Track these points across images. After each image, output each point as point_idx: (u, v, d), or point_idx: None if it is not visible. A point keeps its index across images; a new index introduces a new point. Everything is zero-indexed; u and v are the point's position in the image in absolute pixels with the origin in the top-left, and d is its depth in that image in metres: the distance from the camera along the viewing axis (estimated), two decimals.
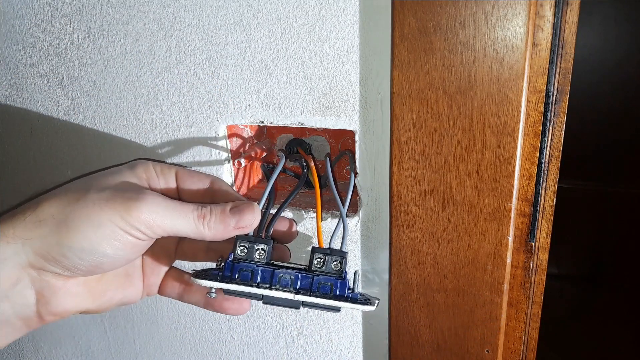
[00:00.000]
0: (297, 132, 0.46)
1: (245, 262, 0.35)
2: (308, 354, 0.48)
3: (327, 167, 0.39)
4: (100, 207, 0.30)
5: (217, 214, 0.33)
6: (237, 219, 0.34)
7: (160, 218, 0.31)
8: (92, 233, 0.30)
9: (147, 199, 0.31)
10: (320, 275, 0.35)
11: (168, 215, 0.32)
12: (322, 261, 0.35)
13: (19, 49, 0.46)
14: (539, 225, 0.37)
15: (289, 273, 0.35)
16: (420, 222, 0.37)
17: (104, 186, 0.32)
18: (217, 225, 0.33)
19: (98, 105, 0.45)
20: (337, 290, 0.34)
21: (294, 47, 0.37)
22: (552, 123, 0.34)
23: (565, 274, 1.69)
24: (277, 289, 0.34)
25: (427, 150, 0.35)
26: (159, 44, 0.41)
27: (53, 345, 0.60)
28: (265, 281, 0.35)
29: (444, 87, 0.33)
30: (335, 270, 0.35)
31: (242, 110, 0.40)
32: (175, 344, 0.54)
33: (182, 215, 0.32)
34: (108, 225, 0.30)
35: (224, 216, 0.34)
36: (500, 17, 0.31)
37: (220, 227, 0.33)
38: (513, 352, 0.41)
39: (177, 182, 0.37)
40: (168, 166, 0.37)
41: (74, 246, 0.30)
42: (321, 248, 0.36)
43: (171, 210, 0.32)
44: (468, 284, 0.37)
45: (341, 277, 0.35)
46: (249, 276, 0.35)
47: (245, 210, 0.34)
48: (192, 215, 0.33)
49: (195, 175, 0.37)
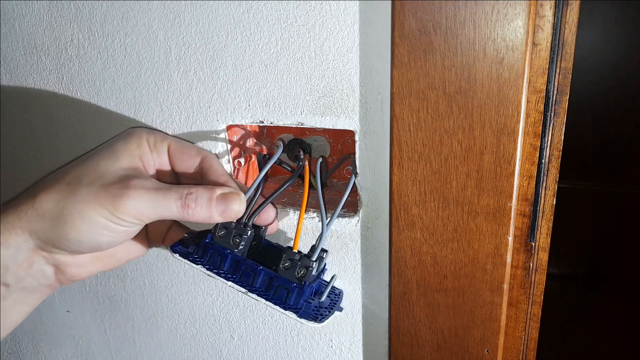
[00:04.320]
0: (297, 132, 0.46)
1: (221, 245, 0.36)
2: (308, 354, 0.48)
3: (317, 168, 0.39)
4: (89, 204, 0.32)
5: (202, 201, 0.34)
6: (222, 209, 0.35)
7: (145, 209, 0.33)
8: (86, 227, 0.33)
9: (131, 194, 0.33)
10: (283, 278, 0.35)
11: (152, 206, 0.33)
12: (290, 265, 0.36)
13: (19, 48, 0.46)
14: (539, 225, 0.37)
15: (255, 268, 0.36)
16: (420, 222, 0.37)
17: (93, 178, 0.34)
18: (202, 212, 0.34)
19: (98, 105, 0.45)
20: (292, 299, 0.35)
21: (294, 47, 0.37)
22: (552, 123, 0.34)
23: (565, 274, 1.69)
24: (236, 281, 0.35)
25: (427, 150, 0.35)
26: (159, 44, 0.41)
27: (53, 345, 0.60)
28: (229, 271, 0.36)
29: (444, 87, 0.33)
30: (298, 277, 0.35)
31: (242, 110, 0.40)
32: (175, 344, 0.54)
33: (165, 205, 0.34)
34: (99, 220, 0.33)
35: (210, 204, 0.34)
36: (500, 17, 0.31)
37: (204, 214, 0.34)
38: (513, 352, 0.41)
39: (170, 157, 0.38)
40: (162, 138, 0.38)
41: (71, 238, 0.33)
42: (293, 251, 0.36)
43: (154, 201, 0.33)
44: (468, 284, 0.37)
45: (300, 286, 0.35)
46: (217, 262, 0.36)
47: (232, 199, 0.35)
48: (176, 204, 0.34)
49: (187, 150, 0.38)
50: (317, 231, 0.42)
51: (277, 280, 0.35)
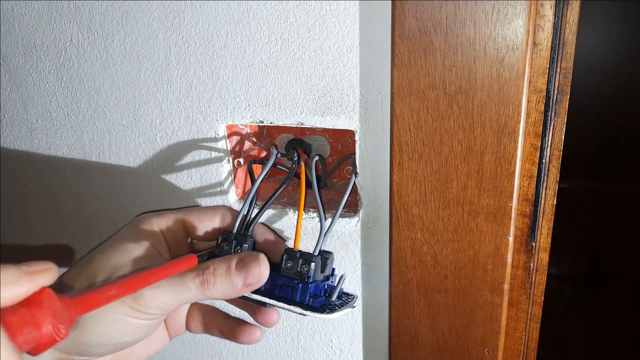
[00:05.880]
0: (297, 131, 0.46)
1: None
2: (308, 354, 0.48)
3: (312, 167, 0.38)
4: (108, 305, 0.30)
5: (221, 272, 0.32)
6: (243, 277, 0.32)
7: (165, 296, 0.31)
8: (107, 328, 0.31)
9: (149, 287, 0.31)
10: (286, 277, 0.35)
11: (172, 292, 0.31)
12: (291, 264, 0.36)
13: (19, 48, 0.46)
14: (540, 225, 0.37)
15: None
16: (421, 222, 0.37)
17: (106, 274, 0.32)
18: (224, 287, 0.32)
19: (97, 105, 0.45)
20: (297, 296, 0.34)
21: (294, 47, 0.37)
22: (552, 123, 0.34)
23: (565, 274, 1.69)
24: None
25: (427, 150, 0.35)
26: (159, 43, 0.41)
27: None
28: None
29: (444, 86, 0.33)
30: (301, 273, 0.35)
31: (241, 110, 0.40)
32: (176, 344, 0.54)
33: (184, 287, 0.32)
34: (119, 317, 0.31)
35: (229, 276, 0.32)
36: (500, 16, 0.31)
37: (227, 288, 0.32)
38: (513, 353, 0.40)
39: (188, 230, 0.37)
40: (174, 217, 0.36)
41: (92, 343, 0.31)
42: (294, 250, 0.36)
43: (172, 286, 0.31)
44: (468, 284, 0.37)
45: (304, 282, 0.35)
46: None
47: (251, 264, 0.33)
48: (194, 283, 0.32)
49: (204, 216, 0.37)
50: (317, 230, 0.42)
51: (280, 279, 0.35)
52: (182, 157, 0.44)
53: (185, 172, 0.45)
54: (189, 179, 0.45)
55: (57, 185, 0.51)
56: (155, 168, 0.46)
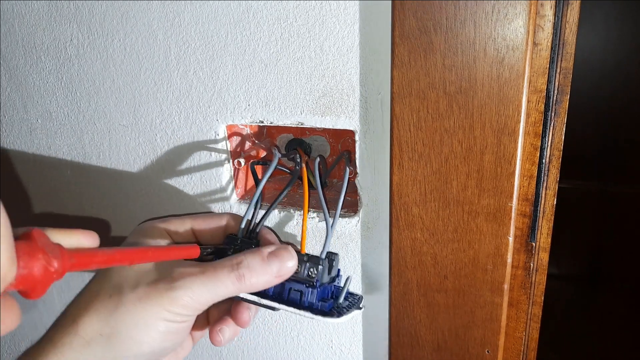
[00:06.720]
0: (297, 132, 0.46)
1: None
2: (308, 355, 0.48)
3: (315, 168, 0.38)
4: (143, 308, 0.30)
5: (256, 266, 0.32)
6: (277, 268, 0.33)
7: (201, 294, 0.31)
8: (146, 335, 0.30)
9: (182, 283, 0.30)
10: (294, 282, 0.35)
11: (207, 289, 0.31)
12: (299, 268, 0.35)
13: (19, 48, 0.46)
14: (540, 225, 0.37)
15: None
16: (421, 222, 0.37)
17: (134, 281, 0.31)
18: (260, 279, 0.32)
19: (97, 105, 0.45)
20: (306, 300, 0.34)
21: (294, 47, 0.37)
22: (552, 123, 0.34)
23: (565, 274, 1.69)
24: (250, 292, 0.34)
25: (427, 150, 0.35)
26: (159, 43, 0.41)
27: None
28: None
29: (444, 86, 0.33)
30: (309, 277, 0.35)
31: (241, 110, 0.40)
32: None
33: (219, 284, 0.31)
34: (157, 323, 0.30)
35: (264, 266, 0.32)
36: (500, 16, 0.31)
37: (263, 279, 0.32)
38: (513, 353, 0.40)
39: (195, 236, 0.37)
40: (181, 223, 0.36)
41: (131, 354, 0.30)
42: (300, 254, 0.36)
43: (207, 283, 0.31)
44: (468, 284, 0.37)
45: (312, 285, 0.35)
46: None
47: (284, 257, 0.33)
48: (230, 279, 0.31)
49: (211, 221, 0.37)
50: (317, 231, 0.42)
51: (289, 283, 0.35)
52: (182, 157, 0.44)
53: (185, 172, 0.45)
54: (189, 179, 0.45)
55: (57, 185, 0.51)
56: (155, 168, 0.46)
